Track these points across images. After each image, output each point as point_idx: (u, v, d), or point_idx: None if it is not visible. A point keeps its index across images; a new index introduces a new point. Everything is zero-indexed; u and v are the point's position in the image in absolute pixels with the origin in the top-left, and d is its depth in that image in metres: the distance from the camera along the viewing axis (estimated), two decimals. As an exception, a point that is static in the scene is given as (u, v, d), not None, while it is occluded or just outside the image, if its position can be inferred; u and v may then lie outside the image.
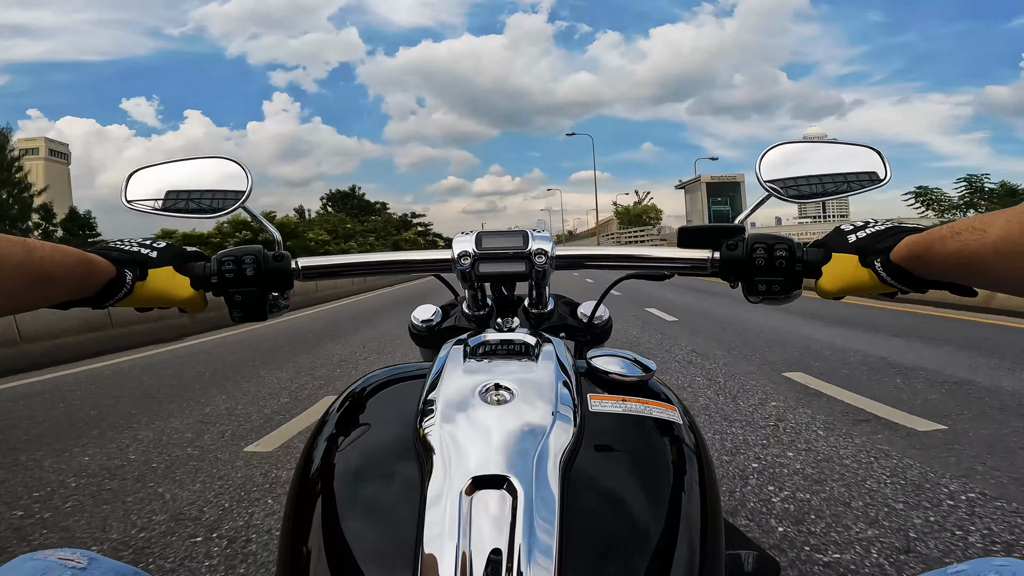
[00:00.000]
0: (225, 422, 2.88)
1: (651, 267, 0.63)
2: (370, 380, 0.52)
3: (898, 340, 4.56)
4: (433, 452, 0.38)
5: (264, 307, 0.57)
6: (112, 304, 0.53)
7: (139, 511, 1.85)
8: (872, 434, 2.36)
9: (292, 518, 0.42)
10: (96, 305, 0.53)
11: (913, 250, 0.46)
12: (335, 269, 0.63)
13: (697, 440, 0.46)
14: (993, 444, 2.19)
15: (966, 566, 0.46)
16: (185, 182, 0.65)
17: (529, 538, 0.33)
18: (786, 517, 1.68)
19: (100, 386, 3.91)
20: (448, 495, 0.35)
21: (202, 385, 3.83)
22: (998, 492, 1.76)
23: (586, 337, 0.75)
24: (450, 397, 0.43)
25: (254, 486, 2.04)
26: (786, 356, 4.06)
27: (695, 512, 0.41)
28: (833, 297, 0.54)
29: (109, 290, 0.52)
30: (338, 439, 0.46)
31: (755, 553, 0.53)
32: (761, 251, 0.54)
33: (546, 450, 0.38)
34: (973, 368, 3.46)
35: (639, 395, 0.47)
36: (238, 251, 0.57)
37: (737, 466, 2.09)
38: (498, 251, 0.57)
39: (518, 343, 0.51)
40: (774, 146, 0.64)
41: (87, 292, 0.51)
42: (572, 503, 0.36)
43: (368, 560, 0.36)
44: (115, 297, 0.53)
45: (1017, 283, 0.36)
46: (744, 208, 0.66)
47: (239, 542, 1.63)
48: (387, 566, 0.36)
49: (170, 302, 0.57)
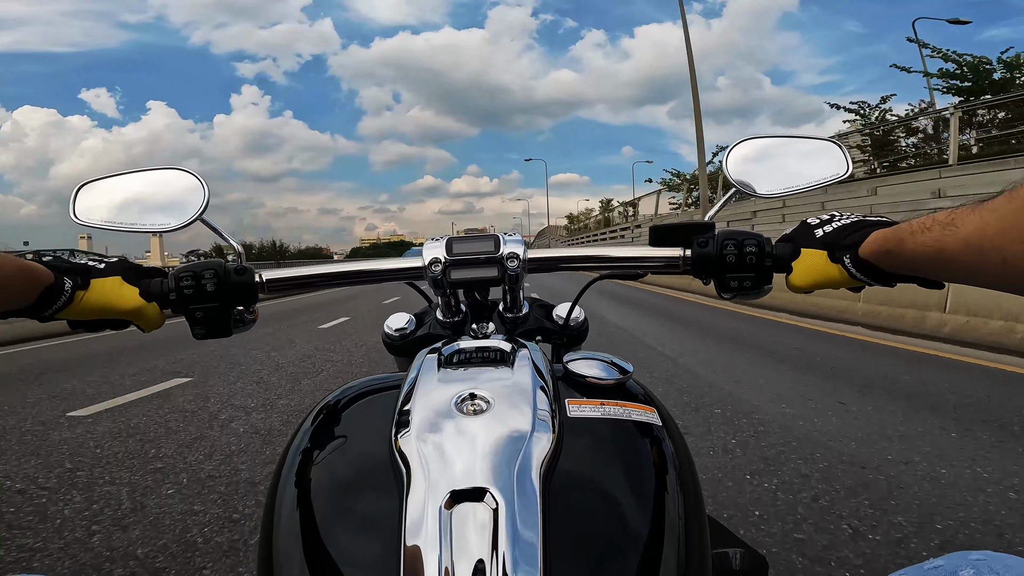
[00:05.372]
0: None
1: (624, 267, 0.63)
2: (344, 393, 0.51)
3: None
4: (410, 466, 0.37)
5: (228, 323, 0.55)
6: (53, 314, 0.51)
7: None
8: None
9: (269, 535, 0.41)
10: (36, 315, 0.50)
11: (883, 245, 0.46)
12: (301, 281, 0.61)
13: (677, 440, 0.46)
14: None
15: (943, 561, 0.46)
16: (138, 195, 0.62)
17: (512, 550, 0.32)
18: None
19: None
20: (428, 510, 0.34)
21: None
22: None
23: (563, 339, 0.75)
24: (426, 409, 0.42)
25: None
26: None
27: (679, 513, 0.41)
28: (803, 291, 0.55)
29: (47, 299, 0.50)
30: (313, 453, 0.45)
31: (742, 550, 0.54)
32: (731, 247, 0.54)
33: (526, 459, 0.37)
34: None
35: (617, 398, 0.47)
36: (197, 266, 0.54)
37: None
38: (469, 256, 0.56)
39: (493, 350, 0.50)
40: (740, 142, 0.65)
41: (25, 301, 0.49)
42: (555, 512, 0.36)
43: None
44: (54, 306, 0.50)
45: (988, 278, 0.37)
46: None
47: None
48: None
49: (117, 313, 0.54)
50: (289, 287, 0.60)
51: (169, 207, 0.61)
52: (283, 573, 0.38)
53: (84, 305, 0.52)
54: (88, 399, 3.56)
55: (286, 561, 0.38)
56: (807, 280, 0.53)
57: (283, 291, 0.60)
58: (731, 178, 0.63)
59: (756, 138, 0.65)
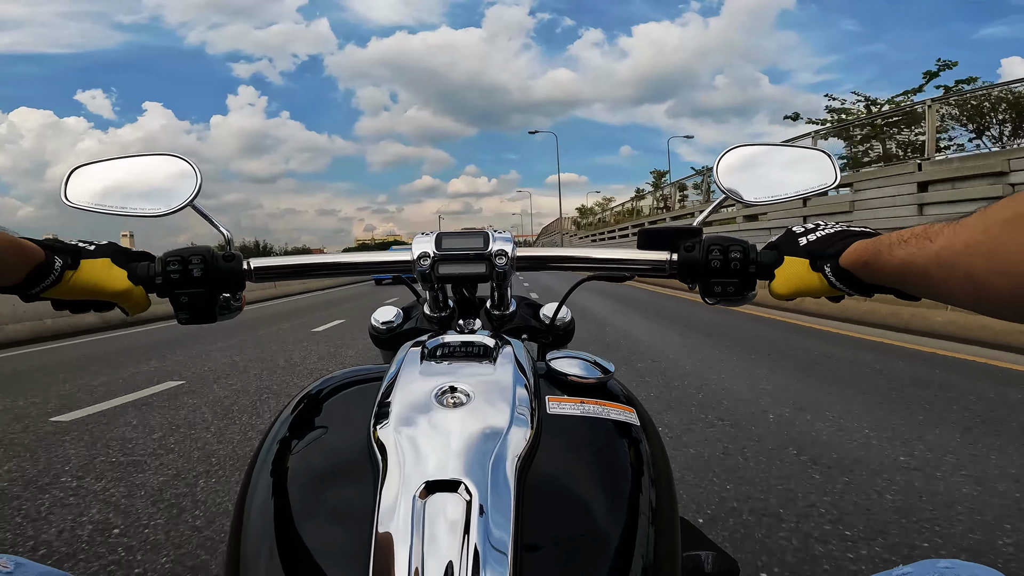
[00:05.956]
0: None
1: (611, 269, 0.64)
2: (326, 383, 0.51)
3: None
4: (387, 455, 0.38)
5: (213, 309, 0.55)
6: (40, 292, 0.51)
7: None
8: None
9: (240, 522, 0.41)
10: (23, 292, 0.51)
11: (861, 256, 0.47)
12: (290, 270, 0.61)
13: (654, 442, 0.47)
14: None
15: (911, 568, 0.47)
16: (131, 180, 0.62)
17: (484, 542, 0.32)
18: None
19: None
20: (401, 499, 0.34)
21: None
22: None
23: (548, 339, 0.75)
24: (406, 400, 0.42)
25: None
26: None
27: (652, 514, 0.41)
28: (785, 299, 0.55)
29: (35, 276, 0.50)
30: (291, 442, 0.45)
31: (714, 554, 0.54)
32: (717, 253, 0.55)
33: (502, 453, 0.37)
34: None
35: (597, 397, 0.47)
36: (185, 251, 0.55)
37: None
38: (458, 252, 0.56)
39: (476, 345, 0.51)
40: (731, 149, 0.66)
41: (13, 278, 0.49)
42: (528, 506, 0.36)
43: (319, 565, 0.35)
44: (42, 284, 0.51)
45: (954, 294, 0.37)
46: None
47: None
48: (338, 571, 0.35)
49: (104, 294, 0.54)
50: (276, 276, 0.61)
51: (161, 192, 0.61)
52: (252, 561, 0.38)
53: (72, 285, 0.52)
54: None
55: (256, 548, 0.38)
56: (788, 288, 0.54)
57: (271, 279, 0.60)
58: (720, 185, 0.64)
59: (746, 146, 0.66)
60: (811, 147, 0.67)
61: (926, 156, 9.49)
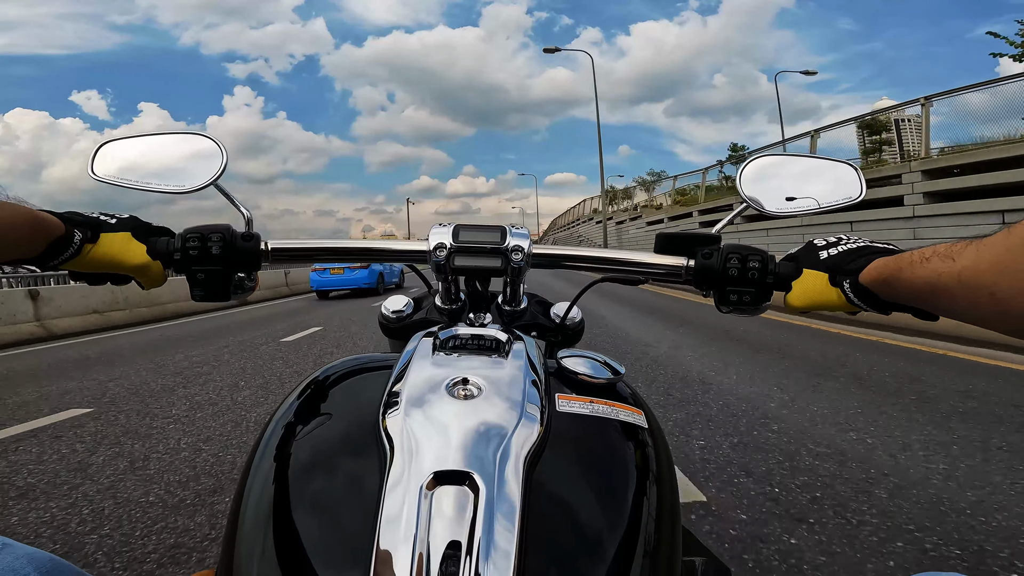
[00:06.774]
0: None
1: (626, 271, 0.63)
2: (333, 369, 0.51)
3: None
4: (394, 444, 0.38)
5: (227, 287, 0.56)
6: (58, 264, 0.52)
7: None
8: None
9: (240, 508, 0.40)
10: (42, 264, 0.51)
11: (882, 273, 0.46)
12: (306, 252, 0.62)
13: (660, 446, 0.46)
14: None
15: None
16: (157, 157, 0.63)
17: (488, 535, 0.33)
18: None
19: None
20: (408, 489, 0.35)
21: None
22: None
23: (558, 337, 0.75)
24: (416, 389, 0.42)
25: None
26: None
27: (654, 517, 0.41)
28: (800, 312, 0.55)
29: (55, 249, 0.51)
30: (296, 428, 0.45)
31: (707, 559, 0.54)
32: (735, 261, 0.54)
33: (510, 448, 0.38)
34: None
35: (606, 397, 0.47)
36: (205, 228, 0.55)
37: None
38: (475, 245, 0.56)
39: (489, 339, 0.51)
40: (755, 158, 0.65)
41: (33, 250, 0.50)
42: (534, 502, 0.36)
43: (321, 553, 0.35)
44: (61, 257, 0.51)
45: (978, 314, 0.36)
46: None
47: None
48: (341, 560, 0.35)
49: (122, 268, 0.55)
50: (293, 258, 0.61)
51: (186, 170, 0.62)
52: (251, 546, 0.37)
53: (91, 258, 0.53)
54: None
55: (255, 532, 0.38)
56: (804, 301, 0.53)
57: (287, 262, 0.61)
58: (743, 193, 0.63)
59: (771, 155, 0.65)
60: (837, 159, 0.66)
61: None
